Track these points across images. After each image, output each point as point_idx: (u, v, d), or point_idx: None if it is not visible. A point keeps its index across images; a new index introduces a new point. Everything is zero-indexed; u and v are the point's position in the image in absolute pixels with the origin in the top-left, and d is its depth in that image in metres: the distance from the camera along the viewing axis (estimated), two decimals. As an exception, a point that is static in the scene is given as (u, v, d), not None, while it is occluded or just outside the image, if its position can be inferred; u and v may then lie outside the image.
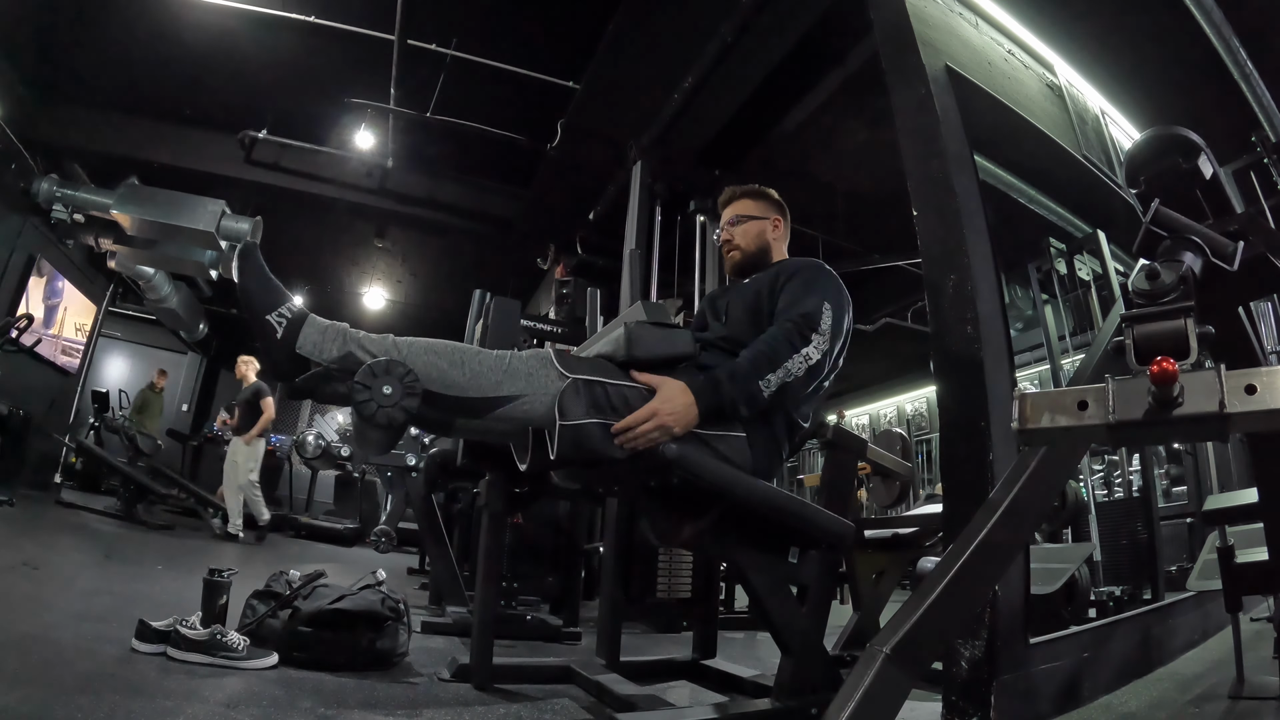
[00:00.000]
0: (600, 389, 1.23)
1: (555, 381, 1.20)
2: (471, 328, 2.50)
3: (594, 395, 1.21)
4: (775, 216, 1.76)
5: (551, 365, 1.22)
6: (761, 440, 1.38)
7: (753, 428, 1.37)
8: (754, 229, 1.73)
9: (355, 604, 1.85)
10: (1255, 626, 2.25)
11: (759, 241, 1.73)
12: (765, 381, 1.32)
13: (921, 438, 8.16)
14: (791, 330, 1.39)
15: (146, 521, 5.10)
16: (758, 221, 1.74)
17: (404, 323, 9.10)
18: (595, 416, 1.20)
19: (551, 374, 1.21)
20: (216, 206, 5.48)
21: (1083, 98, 2.70)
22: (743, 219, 1.74)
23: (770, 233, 1.74)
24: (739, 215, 1.74)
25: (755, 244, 1.72)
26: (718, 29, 2.90)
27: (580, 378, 1.21)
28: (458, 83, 4.90)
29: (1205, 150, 1.06)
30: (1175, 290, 0.81)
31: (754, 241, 1.73)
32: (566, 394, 1.19)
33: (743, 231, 1.73)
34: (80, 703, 1.19)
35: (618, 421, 1.21)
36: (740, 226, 1.73)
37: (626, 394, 1.25)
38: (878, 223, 4.63)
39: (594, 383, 1.23)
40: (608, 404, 1.22)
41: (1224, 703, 1.63)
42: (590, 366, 1.27)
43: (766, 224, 1.74)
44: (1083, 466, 2.87)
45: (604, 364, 1.31)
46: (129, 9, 4.60)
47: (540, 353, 1.26)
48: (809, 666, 1.42)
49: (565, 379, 1.20)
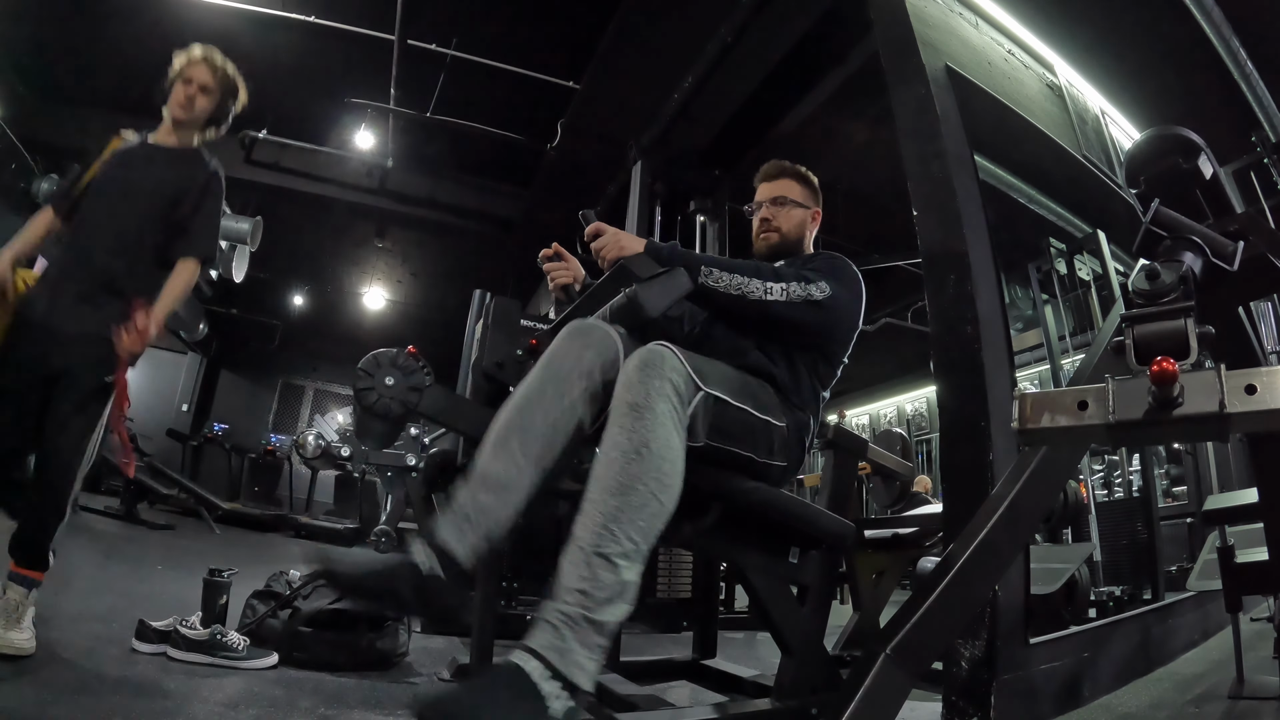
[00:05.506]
0: (723, 409, 1.17)
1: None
2: (471, 328, 2.50)
3: (718, 415, 1.17)
4: (816, 209, 1.68)
5: (688, 383, 1.08)
6: (792, 468, 1.37)
7: (793, 459, 1.35)
8: (798, 216, 1.64)
9: (355, 604, 1.85)
10: (1255, 626, 2.25)
11: (799, 231, 1.64)
12: (709, 272, 1.29)
13: (921, 438, 8.15)
14: (770, 270, 1.36)
15: (147, 521, 5.10)
16: (803, 210, 1.65)
17: (404, 323, 9.10)
18: (710, 440, 1.15)
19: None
20: (216, 206, 5.47)
21: (1083, 98, 2.70)
22: (787, 201, 1.63)
23: (810, 224, 1.66)
24: (785, 197, 1.63)
25: (796, 232, 1.63)
26: (718, 29, 2.90)
27: (713, 393, 1.13)
28: (458, 83, 4.90)
29: (1205, 150, 1.06)
30: (1175, 290, 0.81)
31: (796, 229, 1.63)
32: (699, 409, 1.10)
33: (786, 215, 1.63)
34: (80, 703, 1.19)
35: (722, 445, 1.18)
36: (785, 209, 1.63)
37: (744, 420, 1.21)
38: (878, 223, 4.63)
39: (723, 401, 1.16)
40: (723, 429, 1.18)
41: (1224, 703, 1.63)
42: (716, 375, 1.19)
43: (809, 215, 1.66)
44: (1083, 466, 2.87)
45: (726, 374, 1.24)
46: (129, 9, 4.61)
47: (676, 385, 1.04)
48: (809, 666, 1.42)
49: (698, 391, 1.09)
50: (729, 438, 1.19)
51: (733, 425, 1.19)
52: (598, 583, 0.89)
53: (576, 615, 0.87)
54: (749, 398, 1.24)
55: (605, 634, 0.89)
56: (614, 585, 0.90)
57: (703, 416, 1.10)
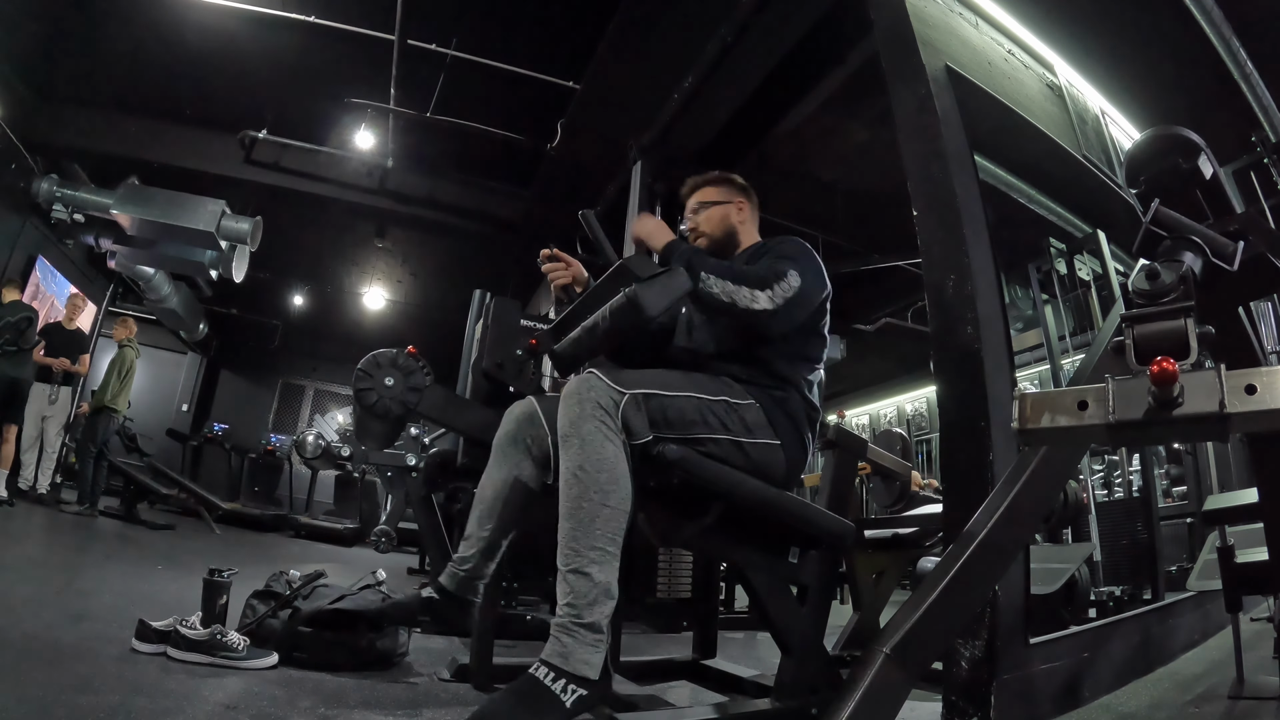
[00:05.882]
0: (657, 402, 1.24)
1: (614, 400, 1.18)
2: (471, 328, 2.50)
3: (651, 409, 1.22)
4: (739, 199, 1.73)
5: (608, 392, 1.18)
6: (792, 445, 1.41)
7: (786, 434, 1.40)
8: (717, 214, 1.71)
9: (355, 604, 1.85)
10: (1255, 626, 2.25)
11: (724, 226, 1.70)
12: (707, 279, 1.36)
13: (921, 438, 8.15)
14: (754, 275, 1.40)
15: (147, 521, 5.10)
16: (720, 206, 1.71)
17: (404, 323, 9.10)
18: (654, 433, 1.21)
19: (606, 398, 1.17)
20: (216, 206, 5.48)
21: (1083, 98, 2.70)
22: (705, 205, 1.72)
23: (734, 215, 1.71)
24: (701, 203, 1.73)
25: (720, 229, 1.70)
26: (718, 29, 2.90)
27: (638, 391, 1.20)
28: (458, 83, 4.90)
29: (1205, 150, 1.06)
30: (1175, 290, 0.81)
31: (718, 226, 1.70)
32: (628, 410, 1.17)
33: (706, 218, 1.71)
34: (80, 703, 1.19)
35: (672, 435, 1.24)
36: (703, 213, 1.71)
37: (683, 406, 1.27)
38: (878, 223, 4.63)
39: (650, 396, 1.23)
40: (664, 419, 1.24)
41: (1224, 703, 1.63)
42: (643, 379, 1.25)
43: (730, 208, 1.71)
44: (1083, 466, 2.87)
45: (655, 374, 1.31)
46: (129, 9, 4.61)
47: (598, 401, 1.16)
48: (809, 666, 1.42)
49: (623, 394, 1.18)
50: (676, 425, 1.26)
51: (677, 414, 1.27)
52: (578, 593, 1.07)
53: (569, 624, 1.06)
54: (693, 385, 1.33)
55: (599, 629, 1.07)
56: (592, 590, 1.07)
57: (636, 415, 1.19)
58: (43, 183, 5.49)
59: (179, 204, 5.43)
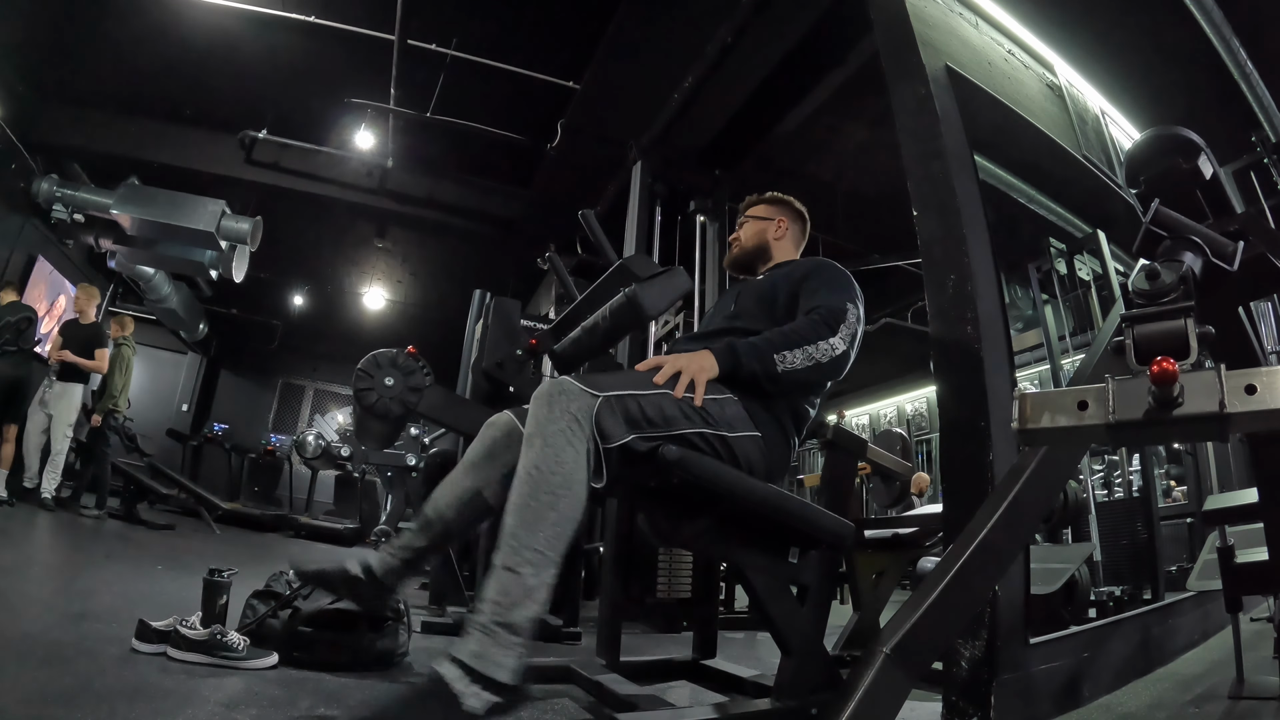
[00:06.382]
0: (634, 402, 1.22)
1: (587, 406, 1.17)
2: (471, 328, 2.50)
3: (628, 410, 1.21)
4: (780, 218, 1.83)
5: (580, 396, 1.17)
6: (773, 437, 1.41)
7: (766, 426, 1.40)
8: (755, 228, 1.83)
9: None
10: (1255, 626, 2.25)
11: (757, 239, 1.81)
12: (781, 357, 1.36)
13: (921, 438, 8.15)
14: (819, 321, 1.42)
15: (147, 521, 5.10)
16: (760, 221, 1.83)
17: (404, 323, 9.10)
18: (634, 432, 1.20)
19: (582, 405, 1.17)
20: (216, 206, 5.48)
21: (1083, 98, 2.70)
22: (750, 219, 1.85)
23: (771, 232, 1.82)
24: (748, 217, 1.86)
25: (753, 241, 1.81)
26: (718, 29, 2.90)
27: (611, 394, 1.20)
28: (458, 83, 4.90)
29: (1205, 150, 1.06)
30: (1175, 290, 0.81)
31: (753, 239, 1.82)
32: (602, 413, 1.17)
33: (745, 230, 1.84)
34: (80, 703, 1.19)
35: (654, 433, 1.23)
36: (746, 226, 1.84)
37: (660, 403, 1.26)
38: (878, 223, 4.63)
39: (625, 397, 1.22)
40: (643, 417, 1.23)
41: (1224, 703, 1.63)
42: (617, 380, 1.25)
43: (769, 225, 1.82)
44: (1083, 466, 2.87)
45: (631, 375, 1.31)
46: (129, 9, 4.61)
47: (567, 406, 1.16)
48: (809, 666, 1.42)
49: (596, 398, 1.17)
50: (658, 423, 1.25)
51: (656, 411, 1.25)
52: (506, 591, 1.03)
53: (489, 622, 1.01)
54: (668, 385, 1.31)
55: (519, 632, 1.02)
56: (520, 591, 1.03)
57: (610, 418, 1.18)
58: (43, 183, 5.50)
59: (179, 204, 5.44)
